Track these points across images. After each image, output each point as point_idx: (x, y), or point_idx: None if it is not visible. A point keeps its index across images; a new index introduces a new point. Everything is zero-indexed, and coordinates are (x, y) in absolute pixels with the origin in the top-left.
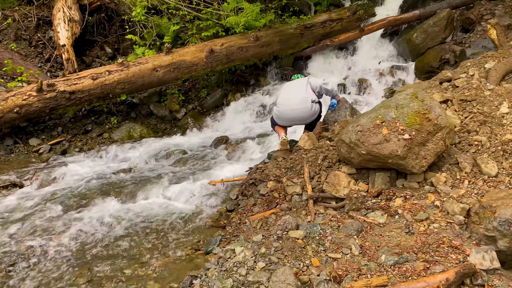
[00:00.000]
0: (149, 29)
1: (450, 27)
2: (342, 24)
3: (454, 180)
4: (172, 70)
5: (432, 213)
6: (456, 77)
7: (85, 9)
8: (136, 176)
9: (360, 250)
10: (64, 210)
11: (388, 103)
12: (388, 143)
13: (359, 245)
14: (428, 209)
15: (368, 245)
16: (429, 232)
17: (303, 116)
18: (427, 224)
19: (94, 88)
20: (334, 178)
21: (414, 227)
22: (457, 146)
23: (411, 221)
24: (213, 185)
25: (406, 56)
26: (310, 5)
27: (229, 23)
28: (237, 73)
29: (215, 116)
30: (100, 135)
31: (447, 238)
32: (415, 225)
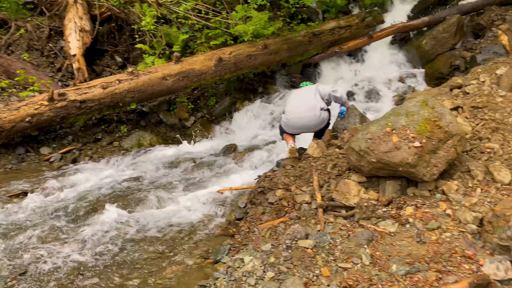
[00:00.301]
0: (159, 38)
1: (460, 33)
2: (350, 31)
3: (466, 188)
4: (181, 78)
5: (444, 222)
6: (466, 83)
7: (95, 19)
8: (145, 184)
9: (370, 259)
10: (73, 218)
11: (398, 110)
12: (399, 151)
13: (370, 255)
14: (439, 217)
15: (379, 255)
16: (441, 241)
17: (311, 124)
18: (439, 233)
19: (104, 97)
20: (344, 186)
21: (426, 236)
22: (469, 153)
23: (422, 230)
24: (222, 193)
25: (416, 63)
26: (318, 12)
27: (237, 31)
28: (246, 81)
29: (224, 124)
30: (110, 144)
31: (460, 247)
32: (427, 234)
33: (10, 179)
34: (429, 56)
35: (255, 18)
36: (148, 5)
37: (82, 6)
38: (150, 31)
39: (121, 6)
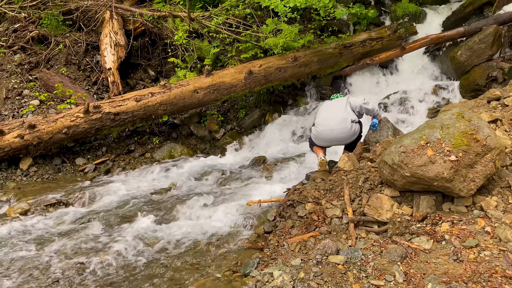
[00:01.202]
0: (190, 52)
1: (497, 44)
2: (382, 42)
3: (506, 204)
4: (211, 91)
5: (483, 240)
6: (505, 95)
7: (130, 34)
8: (175, 195)
9: (404, 277)
10: (106, 228)
11: (433, 123)
12: (434, 165)
13: (404, 272)
14: (478, 235)
15: (413, 272)
16: (480, 260)
17: (342, 137)
18: (477, 252)
19: (138, 109)
20: (376, 201)
21: (463, 254)
22: (509, 168)
23: (459, 247)
24: (250, 206)
25: (450, 74)
26: (349, 24)
27: (267, 44)
28: (275, 93)
29: (253, 136)
30: (142, 155)
31: (500, 267)
32: (464, 252)
33: (47, 189)
34: (464, 68)
35: (285, 31)
36: (180, 20)
37: (118, 21)
38: (182, 45)
39: (154, 21)
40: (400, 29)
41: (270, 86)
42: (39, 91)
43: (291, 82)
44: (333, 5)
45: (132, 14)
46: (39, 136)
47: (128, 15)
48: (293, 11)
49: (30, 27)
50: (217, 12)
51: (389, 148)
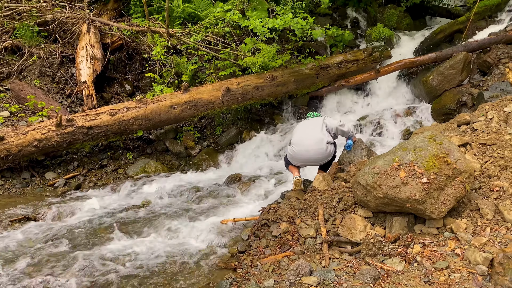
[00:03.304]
0: (168, 67)
1: (467, 70)
2: (358, 65)
3: (475, 227)
4: (189, 107)
5: (453, 262)
6: (474, 120)
7: (107, 48)
8: (148, 213)
9: None
10: (74, 246)
11: (406, 145)
12: (406, 186)
13: None
14: (448, 257)
15: None
16: (450, 283)
17: (317, 157)
18: (448, 274)
19: (112, 124)
20: (349, 221)
21: (434, 276)
22: (478, 191)
23: (430, 269)
24: (225, 224)
25: (423, 98)
26: (326, 46)
27: (246, 63)
28: (253, 111)
29: (229, 153)
30: (115, 170)
31: None
32: (435, 274)
33: (13, 204)
34: (436, 92)
35: (263, 50)
36: (159, 36)
37: (95, 34)
38: (160, 61)
39: (132, 36)
40: (375, 53)
41: (247, 104)
42: (10, 102)
43: (269, 100)
44: (310, 26)
45: (110, 28)
46: (8, 149)
47: (106, 28)
48: (271, 31)
49: (3, 37)
50: (196, 30)
51: (363, 169)
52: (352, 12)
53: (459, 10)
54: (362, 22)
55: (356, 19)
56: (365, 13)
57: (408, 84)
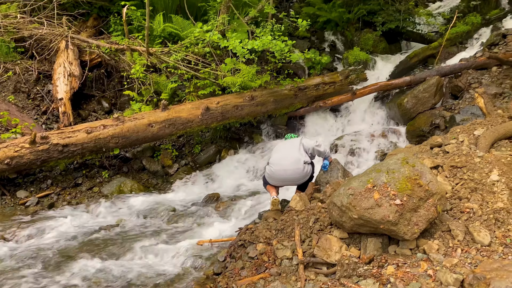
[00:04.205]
0: (147, 85)
1: (439, 94)
2: (335, 87)
3: (446, 248)
4: (167, 126)
5: (425, 283)
6: (446, 142)
7: (85, 65)
8: (122, 233)
9: None
10: (46, 267)
11: (380, 167)
12: (380, 208)
13: None
14: (420, 278)
15: None
16: None
17: (295, 177)
18: None
19: (88, 141)
20: (325, 242)
21: None
22: (449, 212)
23: None
24: (201, 245)
25: (398, 120)
26: (304, 68)
27: (225, 82)
28: (232, 130)
29: (208, 172)
30: (90, 189)
31: None
32: None
33: None
34: (410, 114)
35: (243, 71)
36: (139, 54)
37: (73, 51)
38: (139, 79)
39: (111, 54)
40: (351, 75)
41: (227, 123)
42: None
43: (248, 120)
44: (289, 49)
45: (89, 45)
46: None
47: (85, 46)
48: (251, 52)
49: None
50: (177, 49)
51: (338, 190)
52: (330, 35)
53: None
54: (339, 45)
55: (333, 42)
56: (342, 37)
57: (384, 106)
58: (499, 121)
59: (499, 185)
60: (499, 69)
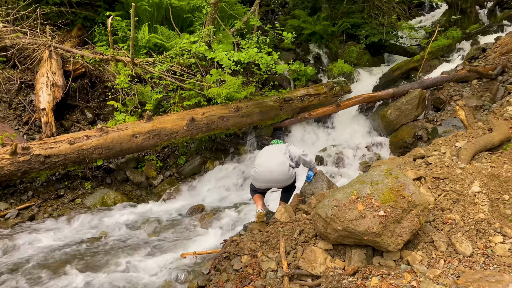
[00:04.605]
0: (132, 96)
1: (422, 106)
2: (319, 98)
3: (430, 259)
4: (151, 137)
5: None
6: (428, 154)
7: (69, 75)
8: (105, 246)
9: None
10: (27, 281)
11: (363, 178)
12: (364, 219)
13: None
14: None
15: None
16: None
17: (280, 178)
18: None
19: (71, 152)
20: (310, 254)
21: None
22: (432, 224)
23: None
24: (185, 258)
25: (381, 131)
26: (289, 80)
27: (211, 93)
28: (217, 141)
29: (193, 183)
30: (72, 201)
31: None
32: None
33: None
34: (393, 126)
35: (228, 82)
36: (123, 64)
37: (57, 61)
38: (123, 89)
39: (96, 64)
40: (336, 87)
41: (212, 134)
42: None
43: (233, 131)
44: (274, 61)
45: (73, 55)
46: None
47: (69, 56)
48: (236, 64)
49: None
50: (162, 59)
51: (323, 201)
52: (315, 48)
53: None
54: (324, 58)
55: (318, 54)
56: (327, 49)
57: (368, 118)
58: (480, 133)
59: (480, 196)
60: (479, 82)
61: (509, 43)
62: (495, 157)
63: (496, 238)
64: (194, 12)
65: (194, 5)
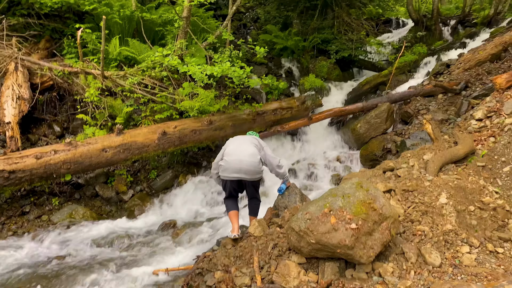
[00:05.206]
0: (102, 109)
1: (390, 119)
2: (292, 112)
3: (400, 270)
4: (122, 151)
5: None
6: (398, 167)
7: (36, 88)
8: (73, 264)
9: None
10: None
11: (335, 191)
12: (337, 232)
13: None
14: None
15: None
16: None
17: (250, 169)
18: None
19: (37, 167)
20: (284, 268)
21: None
22: (402, 235)
23: None
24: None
25: (352, 144)
26: (262, 93)
27: (183, 106)
28: (189, 155)
29: (164, 198)
30: (38, 217)
31: None
32: None
33: None
34: (363, 139)
35: (201, 95)
36: (93, 77)
37: (23, 74)
38: (93, 102)
39: (65, 77)
40: (307, 101)
41: (184, 148)
42: None
43: (206, 144)
44: (247, 75)
45: (40, 67)
46: None
47: (36, 68)
48: (209, 77)
49: None
50: (133, 72)
51: (296, 215)
52: (287, 62)
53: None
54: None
55: (290, 69)
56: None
57: (339, 131)
58: (446, 146)
59: (447, 207)
60: (445, 97)
61: (471, 59)
62: (460, 169)
63: (463, 248)
64: (166, 26)
65: (166, 19)
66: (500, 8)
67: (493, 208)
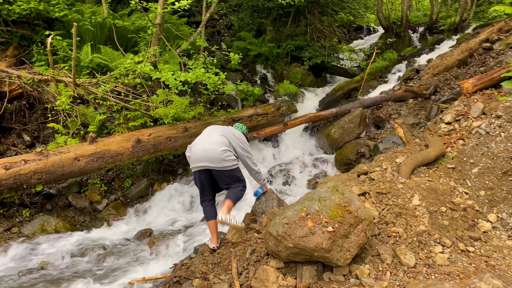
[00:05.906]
0: (74, 118)
1: (363, 124)
2: (267, 118)
3: (377, 272)
4: (95, 159)
5: None
6: (371, 170)
7: (4, 96)
8: (46, 276)
9: None
10: None
11: (312, 195)
12: (314, 235)
13: None
14: None
15: None
16: None
17: (212, 156)
18: None
19: (6, 178)
20: (262, 273)
21: None
22: (377, 237)
23: None
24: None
25: (326, 149)
26: (237, 100)
27: (158, 114)
28: (165, 162)
29: (139, 207)
30: (8, 230)
31: None
32: None
33: None
34: (338, 144)
35: (176, 102)
36: (65, 85)
37: None
38: (64, 111)
39: (34, 85)
40: (283, 107)
41: (159, 155)
42: None
43: (182, 151)
44: (222, 82)
45: (8, 75)
46: None
47: (4, 76)
48: (183, 84)
49: None
50: (106, 80)
51: (273, 220)
52: (261, 68)
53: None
54: (270, 78)
55: (265, 75)
56: (273, 70)
57: (314, 136)
58: (417, 149)
59: (420, 209)
60: (415, 101)
61: (439, 65)
62: (432, 172)
63: (436, 248)
64: (139, 32)
65: (139, 26)
66: (465, 15)
67: (463, 208)
